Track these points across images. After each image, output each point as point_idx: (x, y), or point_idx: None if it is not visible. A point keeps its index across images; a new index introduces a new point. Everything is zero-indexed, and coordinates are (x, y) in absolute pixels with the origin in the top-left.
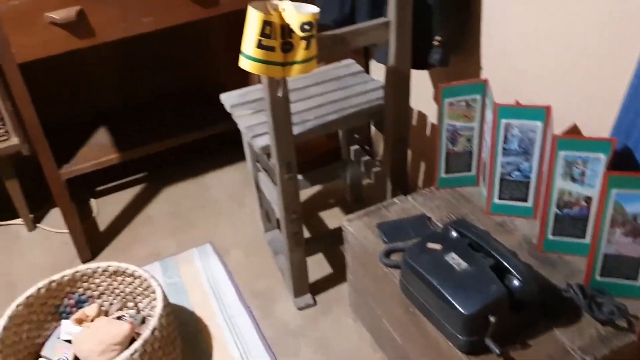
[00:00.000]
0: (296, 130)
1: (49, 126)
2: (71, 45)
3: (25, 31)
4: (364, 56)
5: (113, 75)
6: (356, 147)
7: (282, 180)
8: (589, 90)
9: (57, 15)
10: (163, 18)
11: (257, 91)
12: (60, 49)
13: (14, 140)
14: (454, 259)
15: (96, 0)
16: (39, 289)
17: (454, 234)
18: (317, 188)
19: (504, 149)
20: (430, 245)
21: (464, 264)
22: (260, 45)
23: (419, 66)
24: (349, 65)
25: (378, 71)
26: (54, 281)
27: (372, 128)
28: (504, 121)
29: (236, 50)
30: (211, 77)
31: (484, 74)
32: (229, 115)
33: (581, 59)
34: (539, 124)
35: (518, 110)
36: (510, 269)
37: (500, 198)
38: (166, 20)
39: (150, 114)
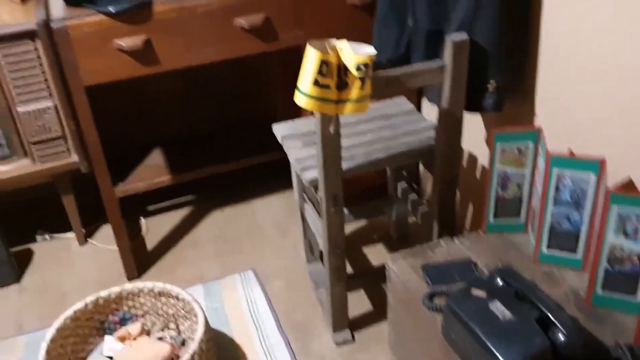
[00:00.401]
0: (345, 165)
1: (108, 146)
2: (136, 72)
3: (94, 56)
4: (417, 94)
5: (174, 102)
6: (404, 184)
7: (328, 213)
8: None
9: (125, 42)
10: (224, 50)
11: (308, 124)
12: (125, 74)
13: (74, 157)
14: (499, 308)
15: (162, 31)
16: (86, 304)
17: (500, 281)
18: (361, 222)
19: (555, 198)
20: (475, 291)
21: (508, 314)
22: (316, 83)
23: (472, 109)
24: (401, 103)
25: (430, 109)
26: (101, 297)
27: (421, 165)
28: (556, 170)
29: (291, 83)
30: (266, 107)
31: (538, 120)
32: (279, 144)
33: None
34: (592, 176)
35: (571, 161)
36: (556, 322)
37: (548, 247)
38: (227, 52)
39: (206, 140)
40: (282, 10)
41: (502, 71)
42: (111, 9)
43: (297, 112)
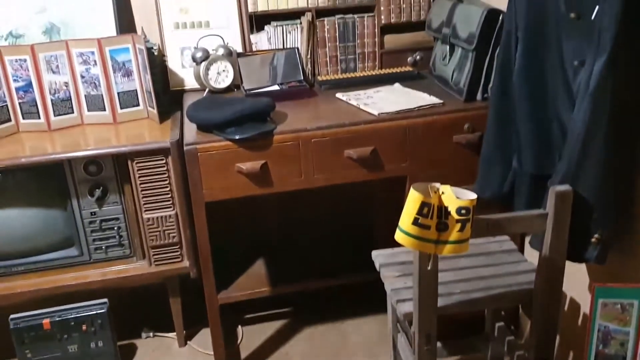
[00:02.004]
0: (441, 302)
1: (214, 250)
2: (251, 191)
3: (216, 176)
4: (520, 234)
5: (280, 214)
6: (501, 324)
7: (421, 351)
8: None
9: (245, 166)
10: (333, 177)
11: (406, 253)
12: (241, 193)
13: (186, 263)
14: None
15: (278, 157)
16: None
17: None
18: (455, 357)
19: None
20: None
21: None
22: (416, 222)
23: (574, 259)
24: (503, 241)
25: (532, 251)
26: None
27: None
28: None
29: (391, 207)
30: (366, 228)
31: None
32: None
33: None
34: None
35: None
36: None
37: None
38: (335, 179)
39: (307, 255)
40: (389, 144)
41: (607, 224)
42: (237, 136)
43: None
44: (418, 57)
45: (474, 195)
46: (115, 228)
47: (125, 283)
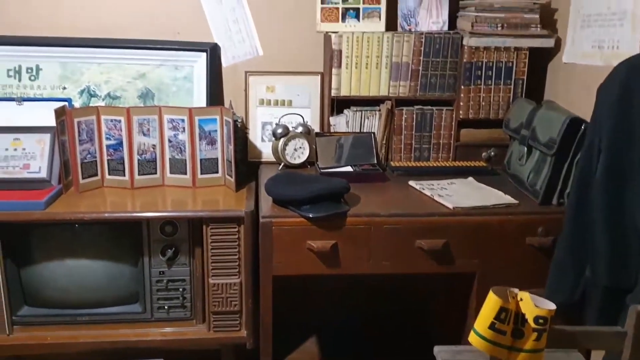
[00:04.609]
0: None
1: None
2: (319, 270)
3: (287, 251)
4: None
5: (340, 292)
6: None
7: None
8: None
9: (316, 244)
10: (400, 265)
11: (471, 353)
12: (309, 270)
13: (244, 332)
14: None
15: (349, 239)
16: None
17: None
18: None
19: None
20: None
21: None
22: (492, 327)
23: None
24: (570, 351)
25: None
26: None
27: None
28: None
29: (451, 304)
30: (426, 322)
31: None
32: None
33: None
34: None
35: None
36: None
37: None
38: (403, 267)
39: (364, 337)
40: (461, 239)
41: None
42: (310, 214)
43: (452, 328)
44: (492, 153)
45: (553, 306)
46: (181, 289)
47: (182, 345)
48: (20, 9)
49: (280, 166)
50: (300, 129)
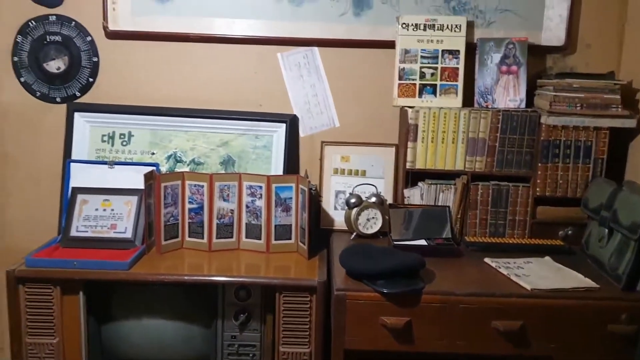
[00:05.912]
0: None
1: None
2: (391, 347)
3: (359, 326)
4: None
5: None
6: None
7: None
8: None
9: (389, 321)
10: (474, 345)
11: None
12: (381, 346)
13: None
14: None
15: (423, 317)
16: None
17: None
18: None
19: None
20: None
21: None
22: None
23: None
24: None
25: None
26: None
27: None
28: None
29: None
30: None
31: None
32: None
33: None
34: None
35: None
36: None
37: None
38: (477, 348)
39: None
40: (539, 322)
41: None
42: (385, 290)
43: None
44: (570, 232)
45: None
46: (251, 355)
47: None
48: (118, 82)
49: (353, 235)
50: (373, 199)
